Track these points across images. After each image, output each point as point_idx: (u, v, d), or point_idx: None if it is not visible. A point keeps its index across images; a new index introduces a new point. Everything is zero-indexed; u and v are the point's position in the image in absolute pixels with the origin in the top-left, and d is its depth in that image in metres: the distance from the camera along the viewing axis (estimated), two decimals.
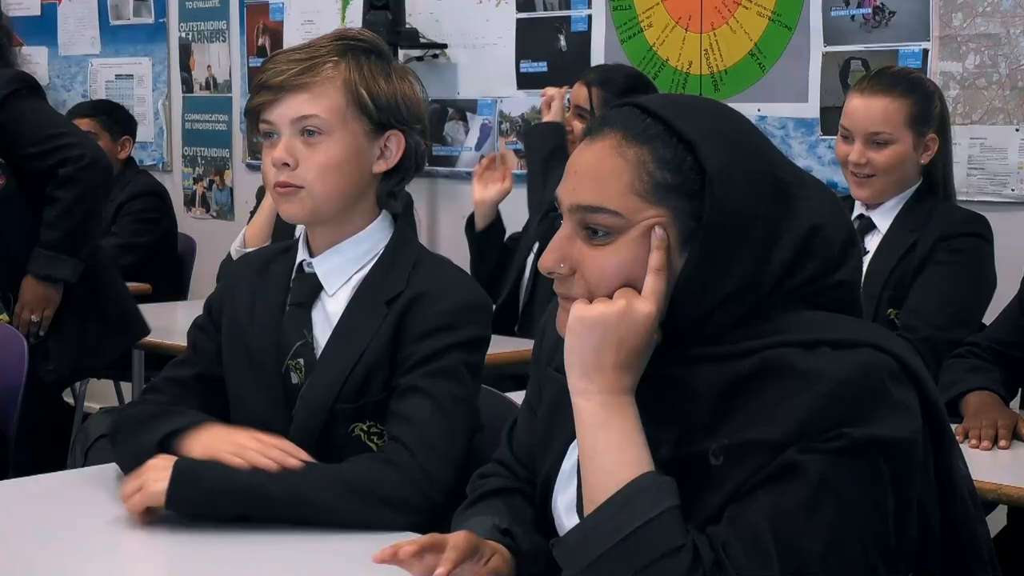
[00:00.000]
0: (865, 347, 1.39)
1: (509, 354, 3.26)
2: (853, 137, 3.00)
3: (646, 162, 1.42)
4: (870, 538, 1.37)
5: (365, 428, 1.96)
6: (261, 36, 5.70)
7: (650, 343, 1.44)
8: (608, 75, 3.86)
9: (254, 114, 2.01)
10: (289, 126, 1.97)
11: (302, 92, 1.96)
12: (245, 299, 2.06)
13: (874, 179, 2.98)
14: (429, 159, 5.28)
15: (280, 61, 1.99)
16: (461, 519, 1.66)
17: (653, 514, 1.36)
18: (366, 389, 1.95)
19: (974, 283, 2.97)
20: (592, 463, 1.42)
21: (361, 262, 2.03)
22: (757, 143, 1.48)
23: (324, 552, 1.77)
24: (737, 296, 1.42)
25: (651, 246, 1.42)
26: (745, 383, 1.40)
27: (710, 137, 1.43)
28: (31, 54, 6.60)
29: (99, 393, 5.34)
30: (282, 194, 1.98)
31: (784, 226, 1.43)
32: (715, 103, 1.56)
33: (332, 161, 1.97)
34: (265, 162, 2.00)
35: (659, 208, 1.42)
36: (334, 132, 1.97)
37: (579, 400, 1.44)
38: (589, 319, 1.42)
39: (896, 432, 1.37)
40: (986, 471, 2.15)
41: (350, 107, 1.97)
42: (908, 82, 3.03)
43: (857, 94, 3.02)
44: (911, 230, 2.98)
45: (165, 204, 4.99)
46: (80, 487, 2.04)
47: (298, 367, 1.99)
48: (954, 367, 2.63)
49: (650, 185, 1.42)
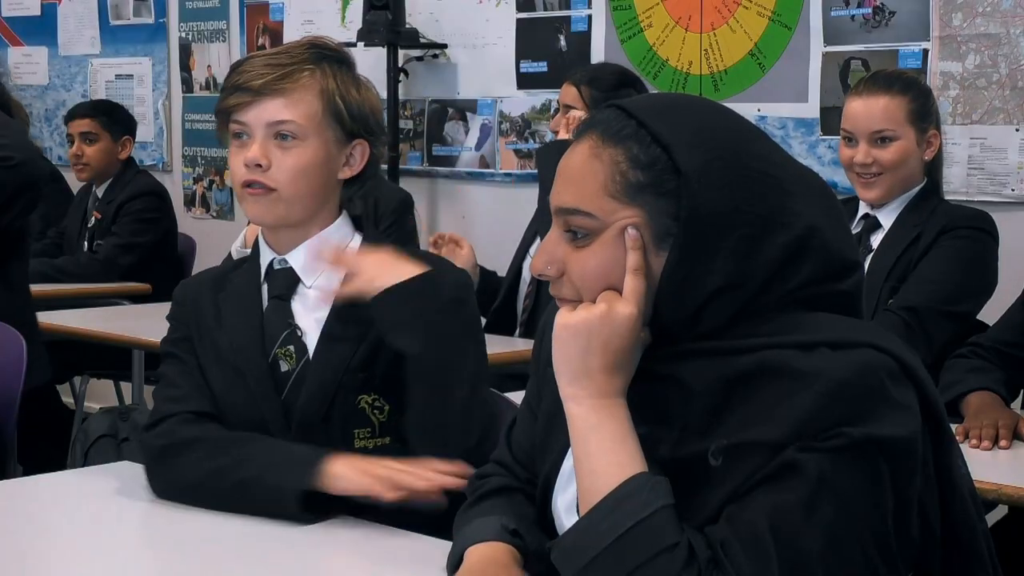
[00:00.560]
0: (864, 347, 1.39)
1: (509, 354, 3.26)
2: (856, 139, 3.00)
3: (619, 162, 1.44)
4: (869, 538, 1.37)
5: (370, 400, 1.99)
6: (261, 36, 5.70)
7: (636, 344, 1.45)
8: (596, 73, 3.86)
9: (226, 113, 2.04)
10: (264, 128, 2.01)
11: (280, 97, 2.00)
12: (209, 313, 2.07)
13: (882, 177, 2.99)
14: (429, 159, 5.32)
15: (256, 64, 2.03)
16: (464, 519, 1.66)
17: (646, 513, 1.37)
18: (375, 360, 1.99)
19: (971, 266, 2.96)
20: (585, 466, 1.43)
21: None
22: (744, 140, 1.46)
23: (323, 553, 1.77)
24: (722, 295, 1.42)
25: (627, 247, 1.43)
26: (742, 382, 1.40)
27: (686, 135, 1.43)
28: (31, 54, 6.61)
29: (99, 393, 5.34)
30: (252, 195, 2.02)
31: (774, 223, 1.42)
32: (701, 101, 1.56)
33: (304, 166, 2.01)
34: (235, 162, 2.04)
35: (632, 208, 1.43)
36: (308, 138, 2.01)
37: (570, 405, 1.45)
38: (572, 325, 1.44)
39: (895, 432, 1.37)
40: (986, 471, 2.15)
41: (325, 115, 2.02)
42: (904, 81, 3.06)
43: (856, 96, 3.03)
44: (914, 225, 2.99)
45: (165, 204, 4.99)
46: (80, 487, 2.04)
47: (288, 354, 2.01)
48: (955, 367, 2.63)
49: (623, 186, 1.43)
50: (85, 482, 2.06)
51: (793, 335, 1.40)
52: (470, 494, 1.72)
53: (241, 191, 2.04)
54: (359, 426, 1.98)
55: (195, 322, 2.08)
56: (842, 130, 3.06)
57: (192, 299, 2.11)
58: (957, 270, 2.94)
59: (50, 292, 4.49)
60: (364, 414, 1.99)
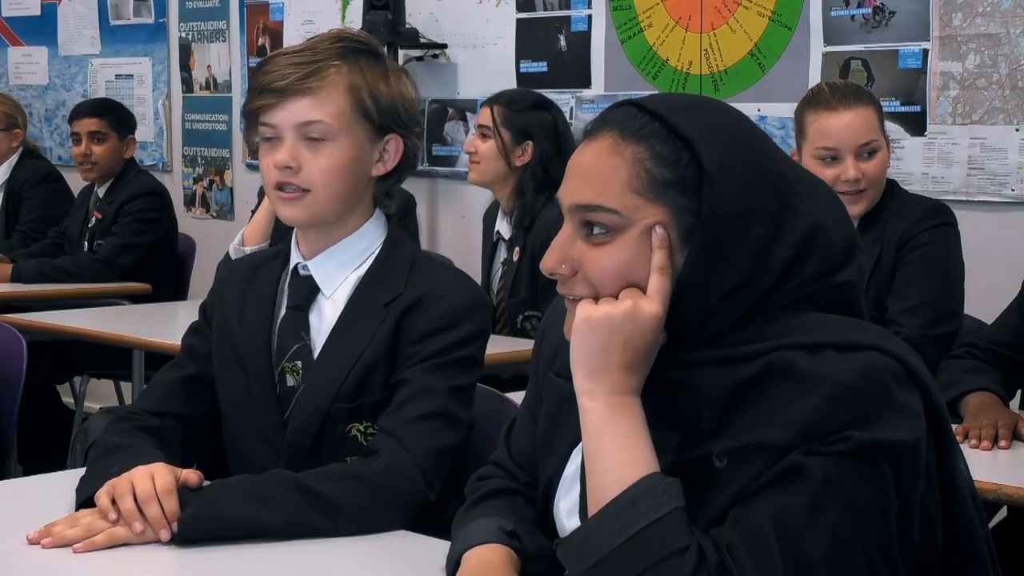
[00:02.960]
0: (869, 350, 1.39)
1: (509, 354, 3.26)
2: (841, 155, 2.92)
3: (643, 159, 1.42)
4: (873, 541, 1.37)
5: (362, 429, 1.96)
6: (261, 36, 5.70)
7: (656, 343, 1.43)
8: (513, 95, 4.00)
9: (253, 116, 2.00)
10: (293, 130, 1.96)
11: (306, 96, 1.95)
12: (234, 304, 2.06)
13: (867, 192, 2.96)
14: (429, 159, 5.32)
15: (281, 64, 1.97)
16: (463, 521, 1.66)
17: (658, 515, 1.36)
18: (363, 389, 1.96)
19: (942, 277, 2.95)
20: (597, 464, 1.42)
21: (357, 262, 2.03)
22: (757, 140, 1.47)
23: (321, 553, 1.77)
24: (737, 293, 1.41)
25: (653, 245, 1.41)
26: (749, 386, 1.40)
27: (707, 133, 1.43)
28: (31, 54, 6.61)
29: (99, 393, 5.34)
30: (285, 199, 1.98)
31: (785, 223, 1.43)
32: (714, 101, 1.55)
33: (336, 165, 1.96)
34: (265, 163, 1.99)
35: (658, 206, 1.41)
36: (338, 137, 1.96)
37: (585, 400, 1.43)
38: (595, 319, 1.42)
39: (900, 435, 1.36)
40: (986, 471, 2.15)
41: (354, 112, 1.97)
42: (862, 91, 3.03)
43: (830, 112, 2.93)
44: (873, 241, 2.96)
45: (166, 204, 4.99)
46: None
47: (295, 369, 1.99)
48: (952, 368, 2.63)
49: (648, 182, 1.41)
50: None
51: (798, 336, 1.40)
52: (469, 495, 1.72)
53: (273, 193, 2.00)
54: (352, 454, 1.94)
55: (220, 313, 2.08)
56: (820, 149, 2.94)
57: (225, 285, 2.11)
58: (931, 287, 2.92)
59: (50, 292, 4.50)
60: (357, 442, 1.96)
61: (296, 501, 1.80)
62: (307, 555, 1.76)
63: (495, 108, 3.90)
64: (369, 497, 1.83)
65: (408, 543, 1.80)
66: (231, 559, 1.74)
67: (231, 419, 2.04)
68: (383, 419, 1.93)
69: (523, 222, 3.79)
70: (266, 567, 1.73)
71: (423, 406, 1.91)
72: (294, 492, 1.81)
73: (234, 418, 2.04)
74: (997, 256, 3.54)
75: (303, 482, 1.82)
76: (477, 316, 2.00)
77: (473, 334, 1.98)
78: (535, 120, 3.86)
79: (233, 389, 2.03)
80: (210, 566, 1.73)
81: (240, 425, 2.02)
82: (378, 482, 1.84)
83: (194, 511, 1.76)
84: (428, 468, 1.87)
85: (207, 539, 1.76)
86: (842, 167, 2.92)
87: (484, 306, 2.04)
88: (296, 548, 1.77)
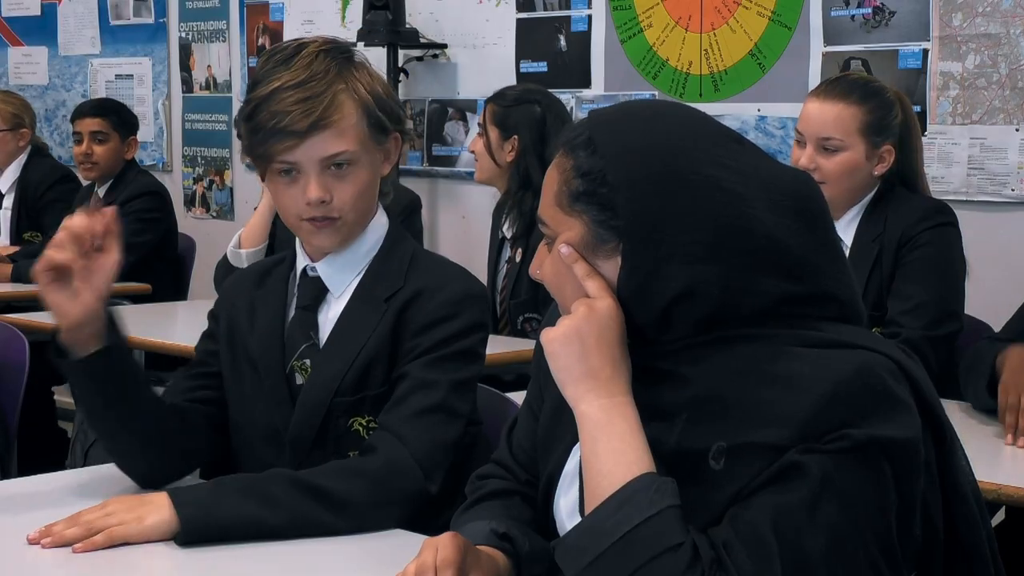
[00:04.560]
0: (861, 349, 1.39)
1: (510, 355, 3.27)
2: (806, 142, 2.93)
3: (567, 172, 1.46)
4: (872, 538, 1.37)
5: (364, 422, 1.97)
6: (261, 36, 5.70)
7: (623, 332, 1.45)
8: (502, 91, 3.96)
9: (267, 156, 1.95)
10: (317, 164, 1.94)
11: (326, 130, 1.93)
12: (244, 308, 2.08)
13: (823, 187, 2.93)
14: (429, 159, 5.31)
15: (287, 102, 1.92)
16: (459, 521, 1.67)
17: (651, 513, 1.36)
18: (365, 383, 1.97)
19: (943, 276, 2.92)
20: (593, 466, 1.43)
21: (364, 261, 2.05)
22: (696, 150, 1.44)
23: (321, 552, 1.77)
24: (684, 301, 1.41)
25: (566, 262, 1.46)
26: (742, 381, 1.40)
27: (621, 146, 1.44)
28: (31, 54, 6.61)
29: None
30: (318, 228, 1.97)
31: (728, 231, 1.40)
32: (659, 111, 1.52)
33: (363, 187, 1.98)
34: (288, 198, 1.96)
35: (571, 218, 1.45)
36: (360, 158, 1.97)
37: (579, 406, 1.45)
38: (561, 336, 1.45)
39: (898, 432, 1.37)
40: (986, 471, 2.14)
41: (368, 128, 1.97)
42: (866, 90, 2.96)
43: (813, 98, 2.96)
44: (872, 240, 2.94)
45: (166, 204, 4.99)
46: (80, 487, 2.04)
47: (304, 368, 2.00)
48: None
49: (566, 195, 1.46)
50: (85, 482, 2.06)
51: (790, 337, 1.40)
52: (469, 495, 1.73)
53: (298, 223, 1.98)
54: (354, 448, 1.95)
55: (228, 318, 2.09)
56: (796, 130, 3.00)
57: (234, 291, 2.12)
58: (932, 287, 2.89)
59: None
60: (359, 435, 1.97)
61: (297, 498, 1.81)
62: (307, 555, 1.76)
63: (487, 105, 3.91)
64: (370, 491, 1.84)
65: (408, 543, 1.80)
66: (231, 559, 1.74)
67: (240, 420, 2.06)
68: (382, 415, 1.94)
69: (514, 219, 3.79)
70: (266, 567, 1.73)
71: (421, 401, 1.92)
72: (294, 489, 1.82)
73: (243, 418, 2.05)
74: (997, 256, 3.54)
75: (303, 479, 1.84)
76: (475, 307, 2.01)
77: (471, 325, 1.99)
78: (519, 114, 3.84)
79: (246, 390, 2.04)
80: (210, 566, 1.73)
81: (250, 425, 2.04)
82: (378, 476, 1.86)
83: (195, 513, 1.76)
84: (427, 462, 1.88)
85: (209, 541, 1.76)
86: (803, 153, 2.94)
87: (481, 298, 2.04)
88: (296, 548, 1.78)
